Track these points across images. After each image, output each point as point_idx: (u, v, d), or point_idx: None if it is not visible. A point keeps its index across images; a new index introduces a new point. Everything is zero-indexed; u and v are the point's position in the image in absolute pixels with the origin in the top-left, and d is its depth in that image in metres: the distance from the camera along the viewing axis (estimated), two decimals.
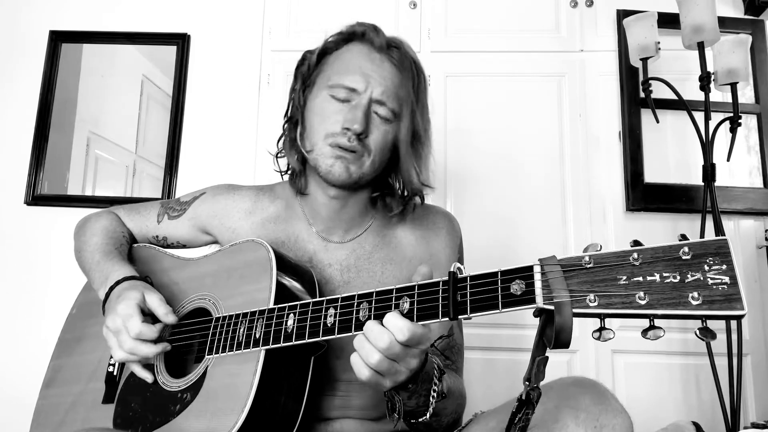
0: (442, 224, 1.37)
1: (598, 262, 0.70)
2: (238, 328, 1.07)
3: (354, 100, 1.19)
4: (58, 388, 1.33)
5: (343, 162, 1.19)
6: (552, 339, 0.70)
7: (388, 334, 0.86)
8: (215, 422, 0.98)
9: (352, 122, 1.16)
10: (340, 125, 1.18)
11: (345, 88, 1.19)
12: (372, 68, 1.20)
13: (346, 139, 1.17)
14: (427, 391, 0.98)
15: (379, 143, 1.21)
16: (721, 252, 0.65)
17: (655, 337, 0.65)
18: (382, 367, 0.88)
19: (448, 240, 1.35)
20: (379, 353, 0.87)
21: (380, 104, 1.20)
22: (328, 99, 1.21)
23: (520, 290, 0.75)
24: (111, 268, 1.24)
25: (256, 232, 1.32)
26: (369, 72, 1.20)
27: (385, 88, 1.20)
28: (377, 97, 1.19)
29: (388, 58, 1.22)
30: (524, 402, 0.78)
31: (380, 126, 1.20)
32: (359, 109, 1.17)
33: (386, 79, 1.20)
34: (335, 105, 1.20)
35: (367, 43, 1.24)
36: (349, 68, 1.21)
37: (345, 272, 1.27)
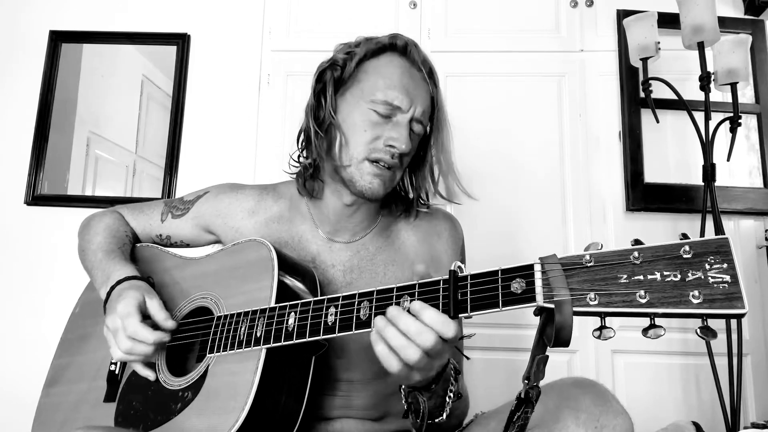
0: (445, 226, 1.37)
1: (598, 260, 0.70)
2: (240, 327, 1.07)
3: (395, 117, 1.19)
4: (60, 387, 1.33)
5: (381, 180, 1.20)
6: (552, 337, 0.70)
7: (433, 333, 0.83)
8: (216, 420, 0.99)
9: (398, 142, 1.17)
10: (382, 142, 1.18)
11: (390, 105, 1.18)
12: (414, 86, 1.21)
13: (389, 156, 1.18)
14: (444, 391, 0.98)
15: (409, 158, 1.25)
16: (722, 251, 0.65)
17: (656, 335, 0.65)
18: (421, 363, 0.85)
19: (450, 242, 1.36)
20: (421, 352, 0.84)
21: (418, 122, 1.22)
22: (370, 113, 1.19)
23: (520, 289, 0.75)
24: (113, 268, 1.24)
25: (259, 231, 1.32)
26: (413, 90, 1.20)
27: (425, 107, 1.22)
28: (418, 117, 1.21)
29: (423, 75, 1.24)
30: (523, 400, 0.78)
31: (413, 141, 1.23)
32: (404, 128, 1.18)
33: (425, 99, 1.23)
34: (377, 119, 1.19)
35: (408, 59, 1.24)
36: (393, 84, 1.19)
37: (348, 273, 1.27)
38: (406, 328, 0.84)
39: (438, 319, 0.83)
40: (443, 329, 0.83)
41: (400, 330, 0.85)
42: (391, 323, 0.86)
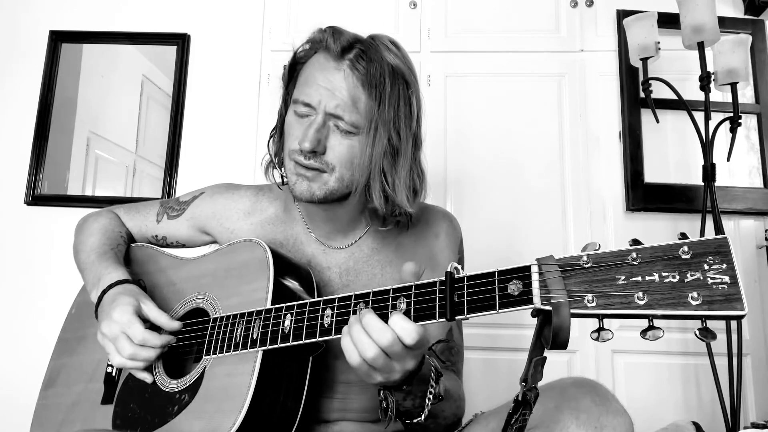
0: (442, 225, 1.35)
1: (596, 261, 0.69)
2: (236, 329, 1.06)
3: (312, 116, 1.13)
4: (58, 389, 1.33)
5: (303, 180, 1.14)
6: (550, 339, 0.70)
7: (391, 333, 0.84)
8: (213, 423, 0.98)
9: (302, 140, 1.11)
10: (297, 142, 1.13)
11: (302, 103, 1.13)
12: (325, 80, 1.12)
13: (303, 157, 1.13)
14: (423, 393, 0.98)
15: (343, 157, 1.13)
16: (722, 251, 0.64)
17: (654, 337, 0.65)
18: (378, 363, 0.87)
19: (447, 240, 1.34)
20: (377, 349, 0.86)
21: (337, 118, 1.11)
22: (292, 115, 1.16)
23: (517, 290, 0.75)
24: (104, 271, 1.24)
25: (255, 232, 1.31)
26: (322, 84, 1.12)
27: (339, 101, 1.10)
28: (331, 111, 1.11)
29: (348, 65, 1.12)
30: (521, 403, 0.78)
31: (342, 140, 1.13)
32: (312, 126, 1.11)
33: (340, 90, 1.11)
34: (297, 121, 1.15)
35: (324, 51, 1.15)
36: (307, 82, 1.14)
37: (344, 275, 1.26)
38: (367, 323, 0.86)
39: (399, 323, 0.85)
40: (402, 333, 0.84)
41: (362, 325, 0.86)
42: (358, 319, 0.88)
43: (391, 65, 1.14)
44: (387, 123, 1.12)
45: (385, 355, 0.86)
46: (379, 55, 1.13)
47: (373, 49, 1.13)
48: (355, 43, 1.14)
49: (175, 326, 1.13)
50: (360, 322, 0.87)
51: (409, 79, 1.18)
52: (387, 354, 0.86)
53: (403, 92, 1.16)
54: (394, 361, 0.88)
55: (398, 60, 1.15)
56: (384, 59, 1.13)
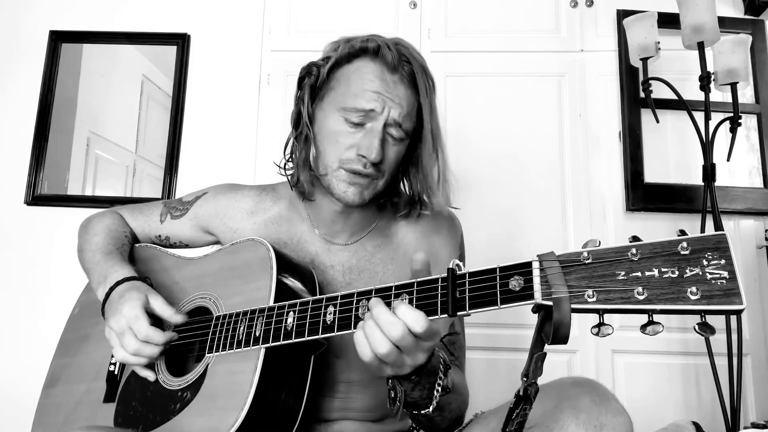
0: (443, 222, 1.36)
1: (596, 257, 0.70)
2: (238, 327, 1.07)
3: (368, 124, 1.15)
4: (60, 388, 1.33)
5: (358, 188, 1.17)
6: (550, 335, 0.70)
7: (401, 324, 0.84)
8: (215, 420, 0.99)
9: (368, 151, 1.13)
10: (354, 152, 1.15)
11: (359, 112, 1.14)
12: (387, 89, 1.15)
13: (362, 166, 1.15)
14: (431, 384, 0.98)
15: (392, 163, 1.19)
16: (720, 247, 0.64)
17: (654, 332, 0.65)
18: (390, 358, 0.86)
19: (449, 238, 1.35)
20: (389, 344, 0.85)
21: (395, 126, 1.16)
22: (341, 122, 1.16)
23: (518, 286, 0.75)
24: (111, 269, 1.24)
25: (258, 232, 1.31)
26: (385, 94, 1.14)
27: (401, 109, 1.15)
28: (395, 120, 1.15)
29: (401, 76, 1.17)
30: (522, 398, 0.78)
31: (393, 147, 1.18)
32: (375, 136, 1.13)
33: (402, 100, 1.16)
34: (349, 129, 1.16)
35: (380, 61, 1.17)
36: (363, 90, 1.15)
37: (347, 274, 1.26)
38: (377, 316, 0.86)
39: (409, 313, 0.84)
40: (412, 323, 0.84)
41: (373, 319, 0.86)
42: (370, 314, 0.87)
43: (423, 68, 1.20)
44: (435, 125, 1.21)
45: (396, 349, 0.86)
46: (417, 62, 1.19)
47: (411, 57, 1.19)
48: (400, 51, 1.18)
49: (178, 319, 1.14)
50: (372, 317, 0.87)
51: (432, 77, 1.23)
52: (398, 347, 0.86)
53: (434, 89, 1.23)
54: (405, 354, 0.87)
55: (424, 60, 1.22)
56: (419, 64, 1.19)
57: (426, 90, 1.19)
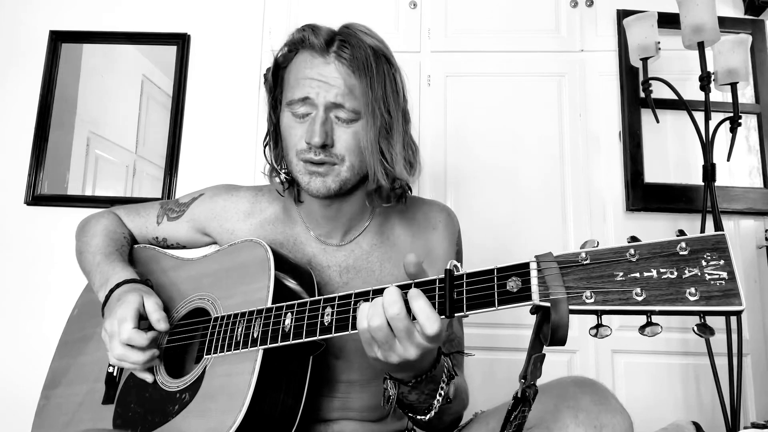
0: (440, 219, 1.35)
1: (594, 258, 0.70)
2: (236, 328, 1.07)
3: (312, 113, 1.15)
4: (59, 389, 1.33)
5: (317, 177, 1.16)
6: (548, 336, 0.70)
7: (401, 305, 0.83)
8: (214, 422, 0.98)
9: (311, 136, 1.13)
10: (303, 141, 1.15)
11: (298, 103, 1.15)
12: (319, 74, 1.14)
13: (313, 154, 1.14)
14: (431, 392, 0.98)
15: (350, 146, 1.16)
16: (719, 247, 0.64)
17: (653, 333, 0.65)
18: (379, 334, 0.85)
19: (445, 234, 1.34)
20: (383, 318, 0.84)
21: (338, 107, 1.14)
22: (290, 117, 1.18)
23: (516, 287, 0.75)
24: (111, 271, 1.24)
25: (254, 233, 1.31)
26: (316, 78, 1.14)
27: (337, 89, 1.13)
28: (332, 101, 1.13)
29: (334, 56, 1.15)
30: (520, 400, 0.78)
31: (346, 129, 1.15)
32: (317, 121, 1.13)
33: (335, 80, 1.13)
34: (296, 121, 1.17)
35: (308, 48, 1.17)
36: (298, 81, 1.16)
37: (344, 273, 1.26)
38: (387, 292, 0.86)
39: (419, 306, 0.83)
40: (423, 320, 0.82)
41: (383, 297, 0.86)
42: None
43: (372, 48, 1.16)
44: (379, 102, 1.15)
45: (388, 327, 0.85)
46: (359, 41, 1.16)
47: (352, 36, 1.17)
48: (335, 35, 1.17)
49: (161, 327, 1.13)
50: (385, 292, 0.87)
51: (390, 58, 1.21)
52: (391, 327, 0.85)
53: (388, 71, 1.19)
54: (397, 339, 0.86)
55: (377, 41, 1.19)
56: (365, 43, 1.16)
57: (367, 64, 1.14)
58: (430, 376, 0.95)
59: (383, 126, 1.16)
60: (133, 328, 1.09)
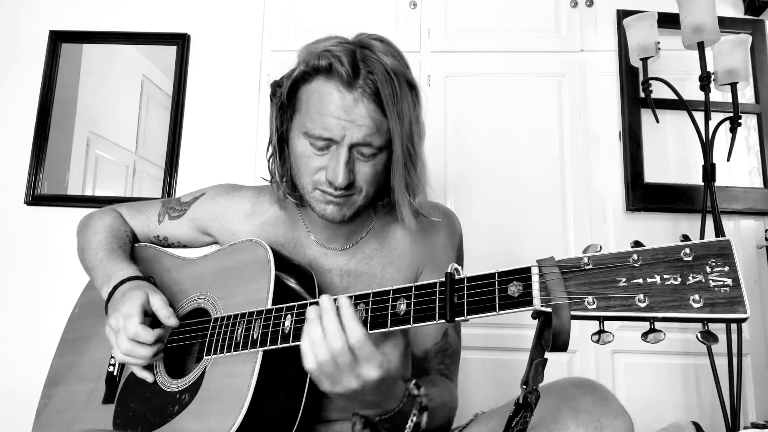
0: (442, 223, 1.33)
1: (597, 263, 0.69)
2: (236, 329, 1.06)
3: (332, 147, 1.10)
4: (60, 389, 1.33)
5: (335, 206, 1.14)
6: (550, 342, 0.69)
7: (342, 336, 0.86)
8: (213, 423, 0.98)
9: (334, 177, 1.09)
10: (324, 175, 1.11)
11: (321, 138, 1.09)
12: (346, 112, 1.07)
13: (333, 189, 1.11)
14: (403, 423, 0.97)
15: (368, 178, 1.14)
16: (724, 253, 0.64)
17: (656, 340, 0.64)
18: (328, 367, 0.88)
19: (447, 239, 1.33)
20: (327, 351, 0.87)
21: (363, 146, 1.10)
22: (307, 146, 1.12)
23: (517, 292, 0.74)
24: (114, 267, 1.24)
25: (255, 234, 1.30)
26: (344, 119, 1.07)
27: (366, 130, 1.08)
28: (357, 141, 1.08)
29: (362, 91, 1.07)
30: (522, 405, 0.78)
31: (366, 163, 1.12)
32: (340, 162, 1.09)
33: (364, 119, 1.08)
34: (315, 152, 1.12)
35: (336, 79, 1.08)
36: (322, 116, 1.08)
37: (345, 277, 1.26)
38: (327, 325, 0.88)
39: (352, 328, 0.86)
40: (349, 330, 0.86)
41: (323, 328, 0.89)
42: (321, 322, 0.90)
43: (395, 73, 1.10)
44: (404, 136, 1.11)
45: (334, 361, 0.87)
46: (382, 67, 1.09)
47: (375, 62, 1.09)
48: (358, 62, 1.08)
49: (171, 323, 1.13)
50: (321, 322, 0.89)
51: (412, 80, 1.16)
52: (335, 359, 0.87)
53: (411, 97, 1.14)
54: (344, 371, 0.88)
55: (397, 62, 1.12)
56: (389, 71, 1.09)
57: (394, 98, 1.09)
58: (395, 415, 0.95)
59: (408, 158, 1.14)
60: (139, 323, 1.09)
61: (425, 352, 1.25)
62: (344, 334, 0.86)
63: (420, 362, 1.25)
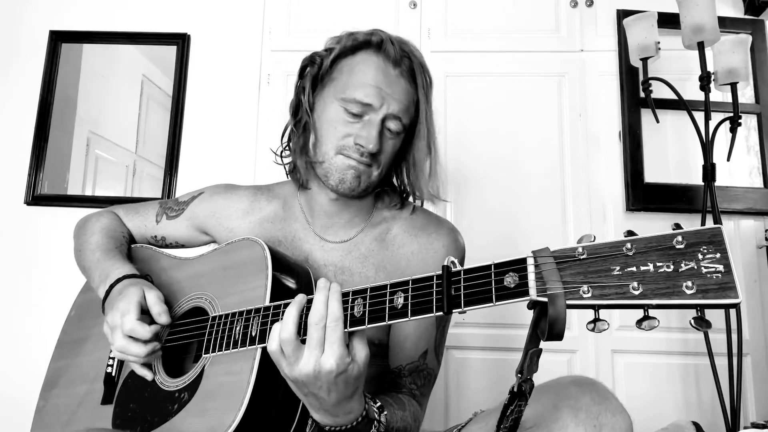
0: (444, 242, 1.30)
1: (591, 252, 0.69)
2: (234, 327, 1.06)
3: (367, 115, 1.18)
4: (58, 390, 1.33)
5: (354, 172, 1.19)
6: (545, 331, 0.69)
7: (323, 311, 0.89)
8: (213, 421, 0.98)
9: (366, 142, 1.16)
10: (352, 140, 1.18)
11: (360, 103, 1.17)
12: (388, 84, 1.18)
13: (359, 155, 1.18)
14: None
15: (388, 155, 1.22)
16: (715, 240, 0.64)
17: (650, 327, 0.65)
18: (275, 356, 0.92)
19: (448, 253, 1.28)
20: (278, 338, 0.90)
21: (393, 119, 1.19)
22: (341, 111, 1.19)
23: (513, 283, 0.74)
24: (111, 267, 1.24)
25: (253, 231, 1.32)
26: (385, 88, 1.17)
27: (400, 104, 1.19)
28: (392, 114, 1.18)
29: (402, 71, 1.20)
30: (516, 394, 0.78)
31: (390, 140, 1.21)
32: (374, 128, 1.17)
33: (401, 95, 1.19)
34: (348, 118, 1.19)
35: (383, 55, 1.20)
36: (364, 82, 1.18)
37: (339, 274, 1.26)
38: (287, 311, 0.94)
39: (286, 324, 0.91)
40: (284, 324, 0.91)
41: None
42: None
43: (423, 66, 1.24)
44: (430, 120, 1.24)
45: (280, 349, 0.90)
46: (419, 59, 1.24)
47: (415, 53, 1.24)
48: (404, 51, 1.22)
49: (162, 320, 1.13)
50: None
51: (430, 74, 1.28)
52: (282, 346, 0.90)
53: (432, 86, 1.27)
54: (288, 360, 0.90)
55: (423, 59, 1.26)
56: (422, 64, 1.24)
57: (424, 86, 1.22)
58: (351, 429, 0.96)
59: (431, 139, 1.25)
60: (136, 319, 1.09)
61: (399, 369, 1.24)
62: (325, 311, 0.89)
63: (392, 376, 1.24)
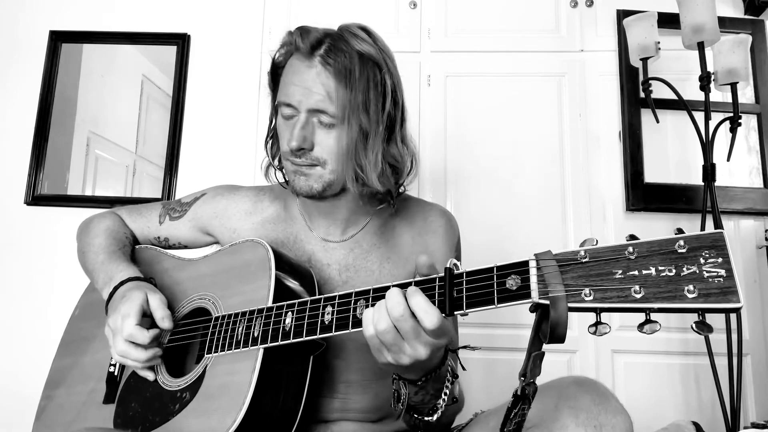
0: (440, 223, 1.35)
1: (593, 256, 0.70)
2: (237, 327, 1.07)
3: (296, 116, 1.17)
4: (60, 389, 1.33)
5: (300, 176, 1.19)
6: (547, 334, 0.70)
7: (404, 306, 0.84)
8: (214, 421, 0.98)
9: (289, 141, 1.15)
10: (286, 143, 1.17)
11: (285, 105, 1.17)
12: (301, 80, 1.14)
13: (294, 156, 1.17)
14: (436, 391, 0.98)
15: (332, 150, 1.16)
16: (717, 245, 0.64)
17: (651, 331, 0.65)
18: (387, 336, 0.86)
19: (445, 238, 1.34)
20: (389, 321, 0.85)
21: (320, 112, 1.14)
22: (281, 119, 1.20)
23: (515, 285, 0.75)
24: (115, 269, 1.25)
25: (256, 232, 1.32)
26: (299, 85, 1.14)
27: (318, 96, 1.13)
28: (312, 107, 1.14)
29: (319, 60, 1.14)
30: (520, 397, 0.78)
31: (327, 133, 1.16)
32: (297, 126, 1.15)
33: (316, 85, 1.13)
34: (284, 124, 1.19)
35: (298, 52, 1.17)
36: (285, 84, 1.18)
37: (343, 272, 1.27)
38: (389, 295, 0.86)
39: (417, 302, 0.84)
40: (416, 308, 0.84)
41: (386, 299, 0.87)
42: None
43: (359, 52, 1.16)
44: (357, 109, 1.14)
45: (395, 330, 0.86)
46: (346, 45, 1.16)
47: (341, 40, 1.16)
48: (324, 38, 1.16)
49: (165, 325, 1.13)
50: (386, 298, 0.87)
51: (380, 61, 1.19)
52: (397, 329, 0.85)
53: (373, 75, 1.16)
54: (405, 341, 0.86)
55: (366, 45, 1.18)
56: (352, 48, 1.16)
57: (349, 71, 1.14)
58: (437, 374, 0.95)
59: (360, 133, 1.15)
60: (135, 324, 1.09)
61: None
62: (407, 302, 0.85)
63: None
